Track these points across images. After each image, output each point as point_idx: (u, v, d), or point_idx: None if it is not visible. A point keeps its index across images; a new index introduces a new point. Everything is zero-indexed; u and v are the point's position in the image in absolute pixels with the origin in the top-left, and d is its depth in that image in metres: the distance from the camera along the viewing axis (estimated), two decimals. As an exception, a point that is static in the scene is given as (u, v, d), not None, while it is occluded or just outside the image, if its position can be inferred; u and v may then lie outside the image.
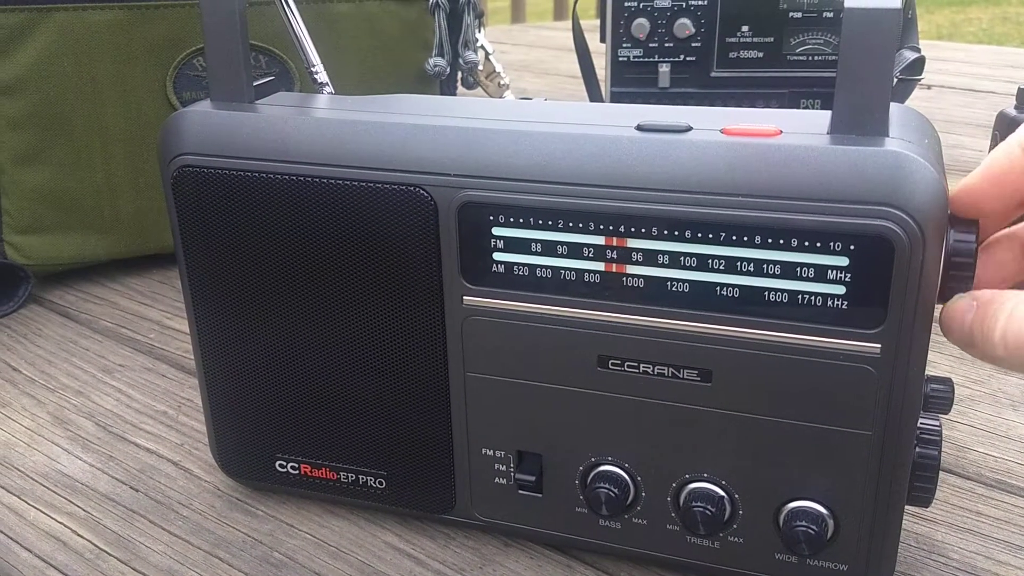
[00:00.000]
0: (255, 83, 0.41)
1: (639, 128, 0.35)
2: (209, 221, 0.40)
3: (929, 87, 1.28)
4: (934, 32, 4.92)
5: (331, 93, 0.47)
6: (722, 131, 0.34)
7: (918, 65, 0.87)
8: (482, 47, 0.89)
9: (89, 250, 0.71)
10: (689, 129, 0.35)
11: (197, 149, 0.39)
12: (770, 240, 0.33)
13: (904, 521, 0.37)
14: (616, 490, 0.39)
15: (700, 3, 0.84)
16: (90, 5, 0.65)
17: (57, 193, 0.68)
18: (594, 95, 0.99)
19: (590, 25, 1.08)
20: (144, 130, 0.69)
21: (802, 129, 0.34)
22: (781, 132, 0.34)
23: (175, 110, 0.68)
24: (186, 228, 0.41)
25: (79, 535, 0.44)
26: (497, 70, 0.95)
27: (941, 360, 0.58)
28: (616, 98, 0.89)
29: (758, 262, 0.34)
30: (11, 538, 0.44)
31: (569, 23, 1.08)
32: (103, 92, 0.67)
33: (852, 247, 0.32)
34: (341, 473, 0.44)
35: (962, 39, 4.64)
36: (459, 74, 0.87)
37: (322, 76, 0.47)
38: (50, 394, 0.57)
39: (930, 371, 0.35)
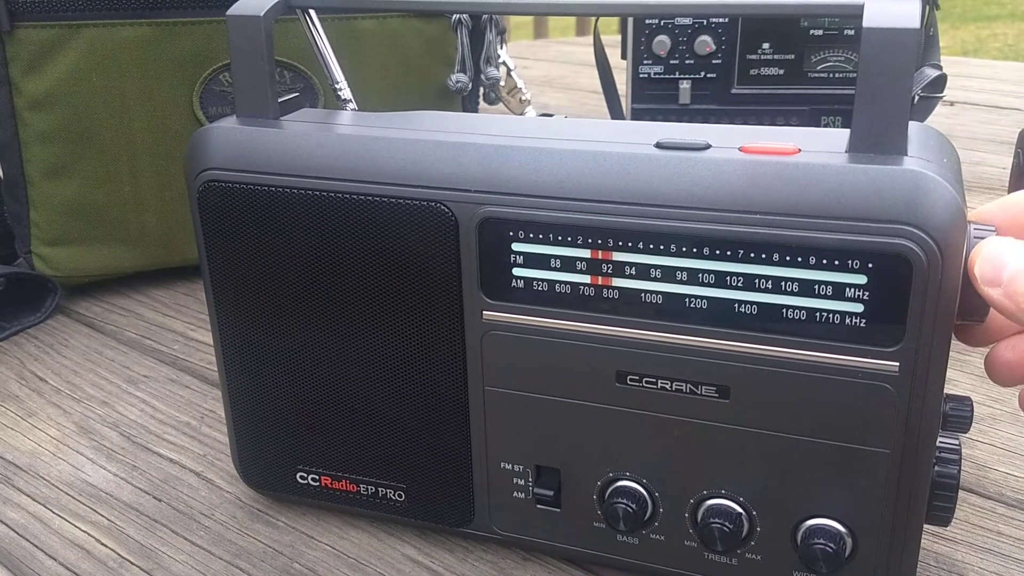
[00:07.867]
0: (280, 99, 0.42)
1: (658, 145, 0.36)
2: (234, 235, 0.41)
3: (952, 103, 1.27)
4: (959, 48, 4.89)
5: (354, 110, 0.47)
6: (740, 149, 0.35)
7: (939, 83, 0.87)
8: (504, 63, 0.90)
9: (115, 262, 0.72)
10: (708, 147, 0.35)
11: (223, 164, 0.40)
12: (788, 258, 0.33)
13: (924, 540, 0.37)
14: (634, 505, 0.39)
15: (721, 20, 0.85)
16: (119, 21, 0.67)
17: (84, 206, 0.69)
18: (615, 111, 0.99)
19: (611, 41, 1.08)
20: (170, 144, 0.70)
21: (820, 147, 0.34)
22: (800, 150, 0.34)
23: (201, 125, 0.69)
24: (211, 242, 0.42)
25: (103, 544, 0.45)
26: (519, 86, 0.95)
27: (962, 379, 0.57)
28: (637, 114, 0.89)
29: (776, 279, 0.34)
30: (36, 546, 0.45)
31: (591, 38, 1.08)
32: (131, 107, 0.68)
33: (870, 265, 0.32)
34: (361, 485, 0.44)
35: (987, 55, 4.61)
36: (481, 90, 0.88)
37: (346, 93, 0.47)
38: (75, 404, 0.58)
39: (951, 389, 0.35)
